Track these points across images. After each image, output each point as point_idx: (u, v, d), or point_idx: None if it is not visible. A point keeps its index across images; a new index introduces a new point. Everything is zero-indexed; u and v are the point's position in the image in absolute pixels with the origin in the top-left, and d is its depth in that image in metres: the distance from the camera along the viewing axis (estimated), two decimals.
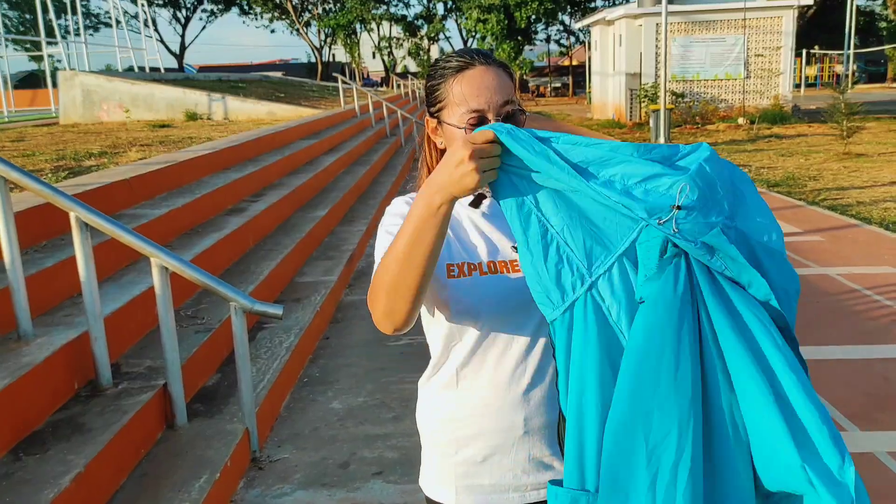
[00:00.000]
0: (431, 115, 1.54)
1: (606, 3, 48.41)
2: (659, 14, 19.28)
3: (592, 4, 48.43)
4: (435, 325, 1.57)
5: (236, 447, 3.32)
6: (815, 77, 46.66)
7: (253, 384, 3.95)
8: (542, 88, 57.19)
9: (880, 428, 3.72)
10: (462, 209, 1.57)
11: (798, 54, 38.63)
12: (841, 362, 4.55)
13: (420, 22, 53.85)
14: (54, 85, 18.92)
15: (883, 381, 4.24)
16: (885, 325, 5.17)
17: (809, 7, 40.78)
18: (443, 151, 1.59)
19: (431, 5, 53.27)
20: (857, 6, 38.46)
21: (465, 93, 1.45)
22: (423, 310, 1.57)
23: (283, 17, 56.90)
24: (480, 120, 1.44)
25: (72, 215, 3.20)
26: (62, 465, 2.67)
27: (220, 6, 58.48)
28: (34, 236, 4.12)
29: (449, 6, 53.02)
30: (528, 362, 1.53)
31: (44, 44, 26.22)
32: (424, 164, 1.64)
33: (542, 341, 1.53)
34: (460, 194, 1.24)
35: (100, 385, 3.34)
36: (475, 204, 1.56)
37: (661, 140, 17.59)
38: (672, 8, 22.67)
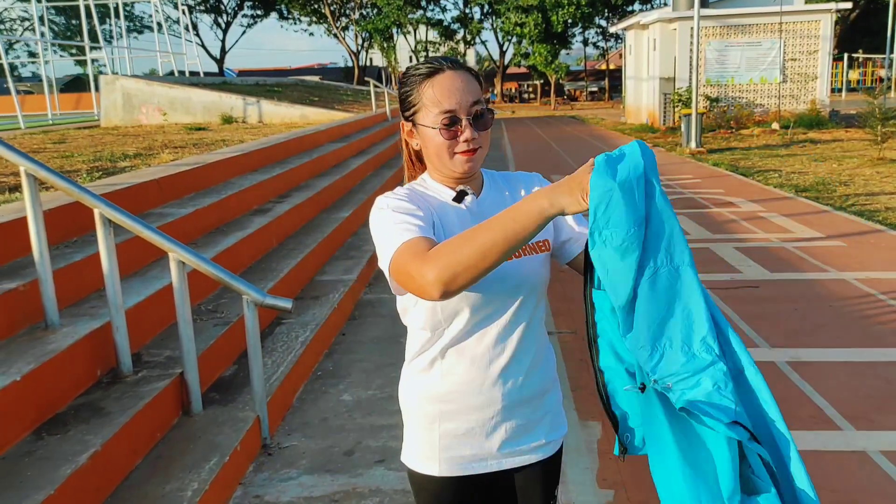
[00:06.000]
0: (406, 118, 1.67)
1: (644, 7, 48.15)
2: (693, 18, 19.19)
3: (630, 8, 48.19)
4: (421, 310, 1.65)
5: (247, 433, 3.50)
6: (858, 81, 45.86)
7: (267, 376, 4.14)
8: (576, 93, 57.01)
9: (876, 428, 3.76)
10: (449, 206, 1.66)
11: (839, 58, 38.08)
12: (845, 364, 4.59)
13: (457, 26, 54.10)
14: (97, 89, 19.49)
15: (885, 384, 4.28)
16: (895, 328, 5.19)
17: (851, 10, 40.23)
18: (418, 152, 1.74)
19: (468, 9, 53.46)
20: None
21: (437, 95, 1.58)
22: (408, 297, 1.66)
23: (321, 21, 57.58)
24: (452, 119, 1.57)
25: (95, 212, 3.41)
26: (80, 445, 2.86)
27: (259, 11, 59.48)
28: (66, 232, 4.36)
29: (486, 10, 53.20)
30: (508, 341, 1.65)
31: (87, 48, 26.95)
32: (406, 164, 1.80)
33: (520, 321, 1.65)
34: (569, 209, 1.31)
35: (121, 372, 3.55)
36: (458, 199, 1.66)
37: (693, 144, 17.51)
38: (707, 12, 22.54)
